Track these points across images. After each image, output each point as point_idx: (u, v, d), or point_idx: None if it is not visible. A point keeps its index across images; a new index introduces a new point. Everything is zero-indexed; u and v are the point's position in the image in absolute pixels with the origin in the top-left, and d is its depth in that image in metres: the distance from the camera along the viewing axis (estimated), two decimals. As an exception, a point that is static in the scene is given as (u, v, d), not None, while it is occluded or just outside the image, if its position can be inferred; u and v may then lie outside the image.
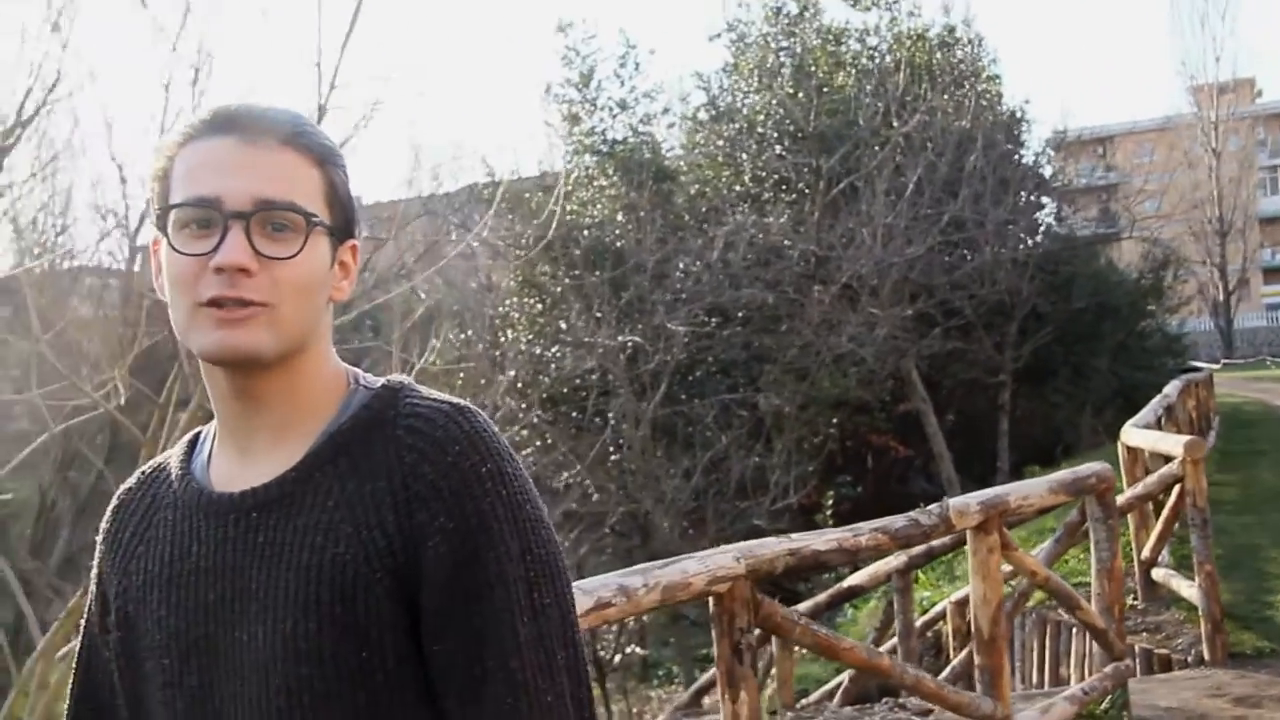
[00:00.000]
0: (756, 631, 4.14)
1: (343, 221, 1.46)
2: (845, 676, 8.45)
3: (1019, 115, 25.60)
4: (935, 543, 6.95)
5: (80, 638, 1.60)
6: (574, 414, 18.52)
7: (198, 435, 1.57)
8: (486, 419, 1.42)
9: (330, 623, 1.34)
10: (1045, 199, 26.54)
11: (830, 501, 17.68)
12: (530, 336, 19.54)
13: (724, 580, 3.91)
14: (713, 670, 9.28)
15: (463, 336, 18.08)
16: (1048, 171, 26.97)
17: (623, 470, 17.00)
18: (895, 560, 7.70)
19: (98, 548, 1.58)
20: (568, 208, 18.27)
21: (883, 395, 20.13)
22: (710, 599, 3.98)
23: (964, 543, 8.25)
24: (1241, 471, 13.92)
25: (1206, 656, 7.27)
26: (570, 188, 19.24)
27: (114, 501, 1.59)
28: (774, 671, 8.18)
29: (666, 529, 16.27)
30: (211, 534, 1.42)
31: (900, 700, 7.05)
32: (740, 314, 19.28)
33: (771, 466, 17.18)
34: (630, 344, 17.03)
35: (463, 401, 1.43)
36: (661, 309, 17.64)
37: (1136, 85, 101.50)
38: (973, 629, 5.34)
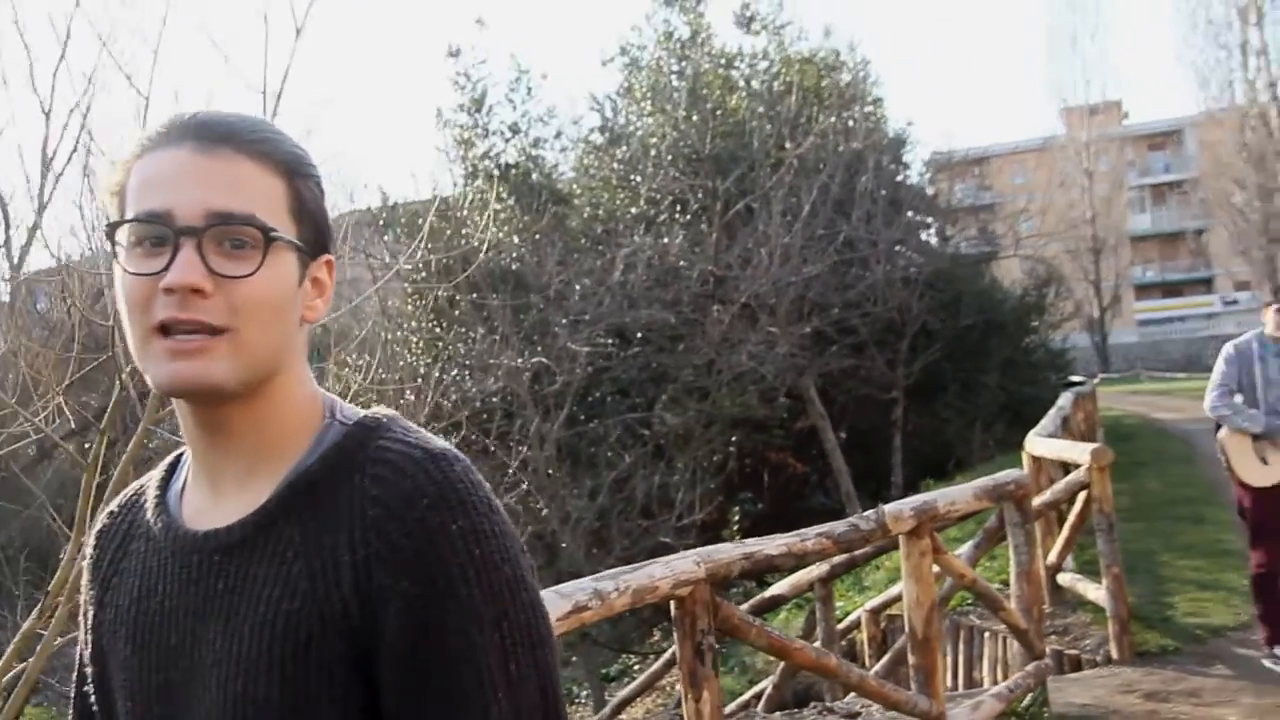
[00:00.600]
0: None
1: (313, 235, 1.34)
2: (768, 684, 8.63)
3: (902, 137, 26.21)
4: (857, 552, 7.16)
5: (76, 668, 1.52)
6: (474, 436, 18.48)
7: (180, 458, 1.48)
8: (467, 466, 1.28)
9: (280, 686, 1.23)
10: (929, 219, 27.15)
11: (736, 518, 17.91)
12: (429, 360, 19.46)
13: (686, 584, 4.05)
14: (632, 685, 9.44)
15: (361, 362, 17.93)
16: (930, 191, 27.60)
17: (528, 491, 17.04)
18: (817, 569, 7.90)
19: (83, 574, 1.50)
20: (463, 231, 18.30)
21: (780, 413, 20.42)
22: (672, 602, 4.12)
23: (880, 553, 8.54)
24: (1128, 481, 14.38)
25: (1115, 655, 7.57)
26: (465, 211, 19.26)
27: (97, 525, 1.52)
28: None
29: (572, 549, 16.34)
30: (177, 574, 1.34)
31: (828, 704, 7.24)
32: (639, 334, 19.44)
33: (675, 485, 17.34)
34: (534, 365, 17.08)
35: (441, 446, 1.30)
36: (563, 331, 17.73)
37: (1011, 108, 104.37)
38: (907, 630, 5.53)
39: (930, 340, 22.77)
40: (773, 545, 4.55)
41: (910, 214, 24.56)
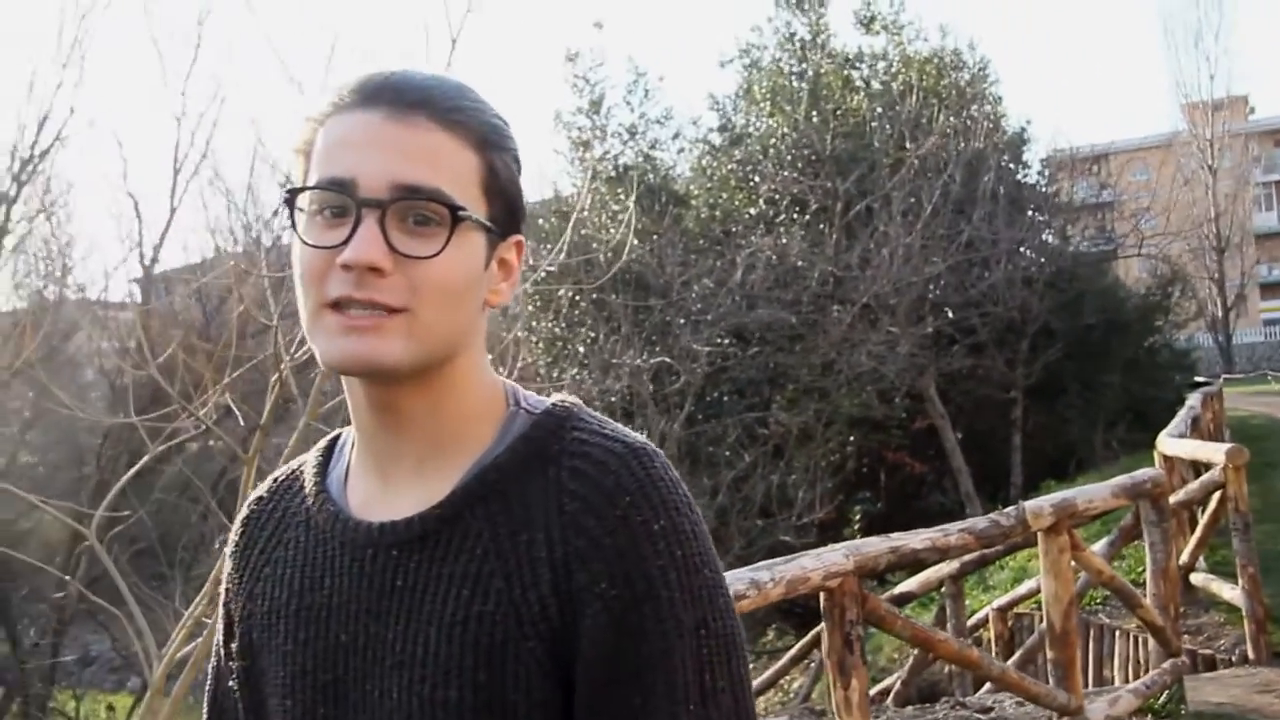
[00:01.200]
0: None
1: (504, 214, 1.26)
2: (895, 679, 8.72)
3: (1022, 136, 25.91)
4: (989, 550, 7.23)
5: (210, 660, 1.45)
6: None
7: (336, 440, 1.41)
8: (665, 462, 1.22)
9: (473, 692, 1.16)
10: (1049, 218, 26.80)
11: (856, 517, 17.94)
12: (549, 360, 19.73)
13: (836, 576, 4.19)
14: (758, 680, 9.57)
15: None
16: (1051, 190, 27.24)
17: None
18: (947, 567, 7.98)
19: (226, 562, 1.43)
20: (582, 231, 18.54)
21: (899, 413, 20.36)
22: (822, 594, 4.27)
23: (1009, 552, 8.58)
24: (1258, 482, 14.10)
25: (1251, 655, 7.54)
26: (585, 212, 19.50)
27: (244, 512, 1.43)
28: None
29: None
30: (346, 567, 1.26)
31: (959, 699, 7.32)
32: (758, 334, 19.53)
33: (793, 484, 17.41)
34: (657, 364, 17.26)
35: (639, 440, 1.23)
36: (683, 331, 17.90)
37: (1130, 104, 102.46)
38: (1045, 624, 5.61)
39: (1051, 340, 22.45)
40: (917, 539, 4.68)
41: (1031, 213, 24.28)
